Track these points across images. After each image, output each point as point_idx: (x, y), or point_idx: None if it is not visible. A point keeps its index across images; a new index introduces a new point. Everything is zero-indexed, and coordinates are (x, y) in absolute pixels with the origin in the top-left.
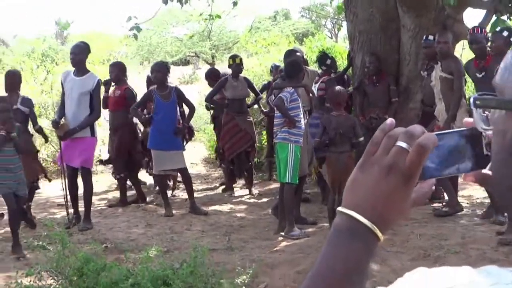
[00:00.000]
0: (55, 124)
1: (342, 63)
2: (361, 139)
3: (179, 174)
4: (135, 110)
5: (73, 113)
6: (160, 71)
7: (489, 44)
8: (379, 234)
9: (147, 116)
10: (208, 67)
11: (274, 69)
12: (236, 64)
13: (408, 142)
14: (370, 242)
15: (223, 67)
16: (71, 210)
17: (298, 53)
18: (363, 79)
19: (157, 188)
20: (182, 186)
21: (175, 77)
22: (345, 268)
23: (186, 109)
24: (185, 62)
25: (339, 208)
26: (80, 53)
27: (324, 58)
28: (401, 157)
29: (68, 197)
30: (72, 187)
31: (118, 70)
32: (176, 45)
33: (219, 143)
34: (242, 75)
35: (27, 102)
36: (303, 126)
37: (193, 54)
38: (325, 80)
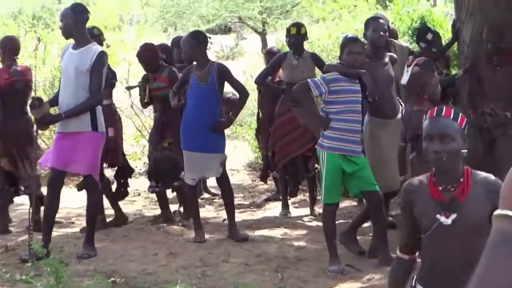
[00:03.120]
0: (33, 103)
1: (442, 37)
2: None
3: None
4: (174, 93)
5: (68, 97)
6: (185, 45)
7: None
8: None
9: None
10: (258, 37)
11: None
12: (298, 35)
13: None
14: None
15: (277, 38)
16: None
17: (381, 20)
18: (478, 59)
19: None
20: (218, 201)
21: (211, 50)
22: None
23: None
24: (225, 30)
25: (504, 212)
26: (66, 19)
27: (423, 31)
28: None
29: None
30: (51, 202)
31: None
32: (213, 7)
33: (269, 142)
34: (308, 50)
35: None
36: (357, 128)
37: (236, 20)
38: (421, 63)
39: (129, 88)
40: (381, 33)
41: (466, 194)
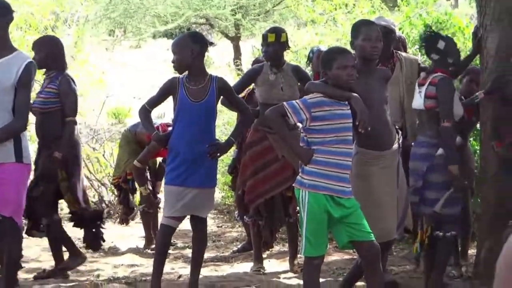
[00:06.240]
0: None
1: (464, 47)
2: None
3: None
4: (145, 112)
5: None
6: (183, 49)
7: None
8: None
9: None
10: (229, 44)
11: (315, 57)
12: (278, 43)
13: None
14: None
15: (253, 46)
16: None
17: (374, 26)
18: (503, 77)
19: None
20: (172, 252)
21: (169, 62)
22: None
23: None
24: None
25: None
26: None
27: (433, 40)
28: None
29: None
30: None
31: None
32: (173, 5)
33: (238, 180)
34: (290, 62)
35: None
36: (347, 163)
37: (202, 21)
38: (437, 81)
39: None
40: (375, 42)
41: None
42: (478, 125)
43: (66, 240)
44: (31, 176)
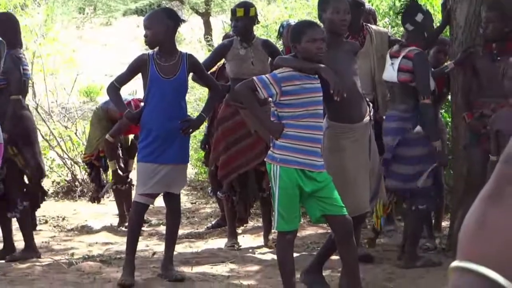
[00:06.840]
0: None
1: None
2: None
3: None
4: (114, 90)
5: None
6: (158, 24)
7: None
8: None
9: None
10: (199, 20)
11: (286, 31)
12: (247, 18)
13: None
14: None
15: (223, 21)
16: None
17: None
18: (473, 48)
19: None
20: (146, 229)
21: (140, 39)
22: None
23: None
24: None
25: (459, 263)
26: None
27: (413, 10)
28: None
29: None
30: None
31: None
32: None
33: (211, 155)
34: (260, 37)
35: None
36: (318, 136)
37: None
38: (413, 56)
39: None
40: (344, 15)
41: None
42: (449, 97)
43: (27, 230)
44: None
